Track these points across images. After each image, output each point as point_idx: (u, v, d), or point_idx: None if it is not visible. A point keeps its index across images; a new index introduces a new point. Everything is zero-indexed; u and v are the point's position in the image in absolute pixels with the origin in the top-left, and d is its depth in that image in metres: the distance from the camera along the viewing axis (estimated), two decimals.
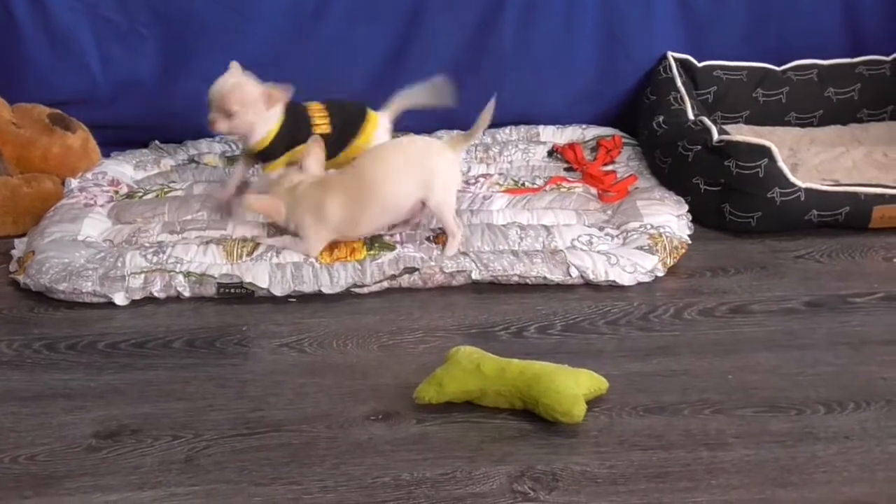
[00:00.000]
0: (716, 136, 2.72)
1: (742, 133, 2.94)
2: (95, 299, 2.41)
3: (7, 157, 2.82)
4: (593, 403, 2.01)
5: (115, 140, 3.08)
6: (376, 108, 2.85)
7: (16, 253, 2.60)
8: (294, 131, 2.67)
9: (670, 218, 2.66)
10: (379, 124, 2.76)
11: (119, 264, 2.48)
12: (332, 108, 2.73)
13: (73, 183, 2.88)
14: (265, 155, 2.68)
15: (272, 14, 3.09)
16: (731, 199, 2.69)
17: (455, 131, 3.18)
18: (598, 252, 2.52)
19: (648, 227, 2.61)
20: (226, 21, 3.08)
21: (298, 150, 2.64)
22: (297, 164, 2.61)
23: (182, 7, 3.06)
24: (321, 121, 2.70)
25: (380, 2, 3.11)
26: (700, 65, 3.19)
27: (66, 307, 2.41)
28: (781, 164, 2.64)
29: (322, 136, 2.64)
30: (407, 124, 3.19)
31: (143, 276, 2.44)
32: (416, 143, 2.68)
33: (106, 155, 3.06)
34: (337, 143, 2.71)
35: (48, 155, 2.90)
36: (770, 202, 2.64)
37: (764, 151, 2.65)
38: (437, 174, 2.52)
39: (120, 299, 2.40)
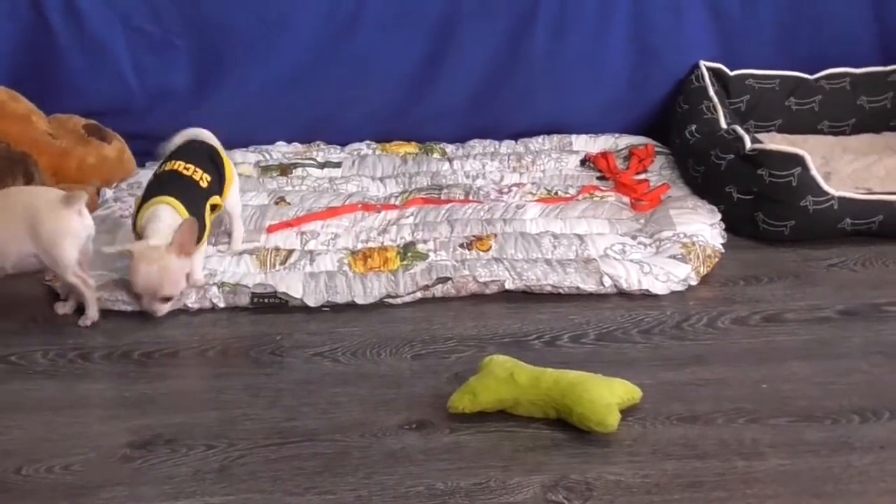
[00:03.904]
0: (749, 144, 2.72)
1: (775, 142, 2.93)
2: (130, 308, 2.43)
3: (43, 168, 2.83)
4: (627, 412, 2.01)
5: (150, 150, 3.07)
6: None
7: None
8: (197, 212, 2.44)
9: (703, 227, 2.66)
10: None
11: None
12: (188, 158, 2.52)
13: (109, 193, 2.90)
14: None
15: (305, 24, 3.11)
16: (764, 208, 2.68)
17: (487, 140, 3.20)
18: (631, 261, 2.52)
19: (681, 235, 2.60)
20: (258, 31, 3.10)
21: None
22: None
23: (215, 18, 3.08)
24: (196, 174, 2.49)
25: (413, 11, 3.12)
26: (732, 74, 3.18)
27: (102, 317, 2.41)
28: (815, 172, 2.63)
29: (210, 183, 2.50)
30: (440, 134, 3.22)
31: None
32: (22, 194, 2.48)
33: (141, 165, 3.08)
34: (221, 182, 2.56)
35: (84, 165, 2.92)
36: (803, 211, 2.63)
37: (797, 160, 2.64)
38: (43, 228, 2.33)
39: None
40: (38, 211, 2.33)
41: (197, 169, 2.49)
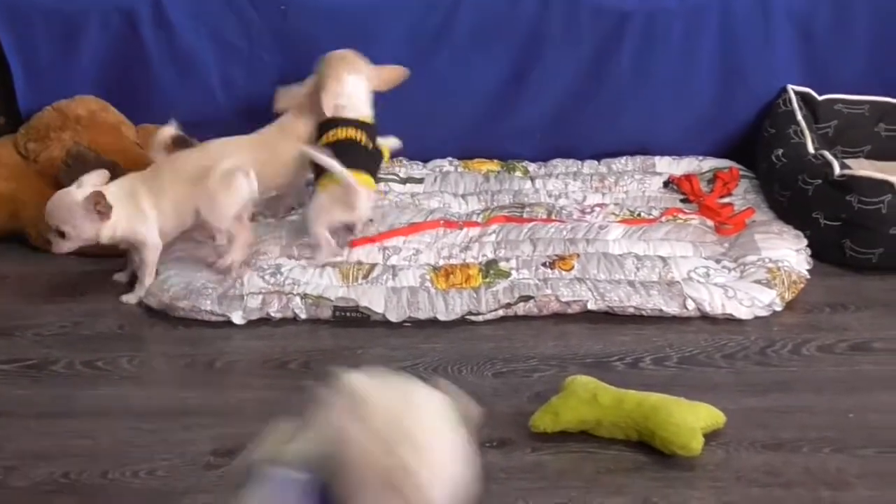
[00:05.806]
0: (837, 170, 2.68)
1: (863, 168, 2.89)
2: (213, 318, 2.45)
3: None
4: (710, 437, 1.99)
5: None
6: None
7: None
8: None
9: (789, 252, 2.63)
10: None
11: (238, 284, 2.52)
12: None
13: None
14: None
15: (391, 39, 3.11)
16: (851, 235, 2.64)
17: (570, 160, 3.19)
18: (715, 284, 2.50)
19: (766, 260, 2.58)
20: (345, 45, 3.11)
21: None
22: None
23: (302, 32, 3.10)
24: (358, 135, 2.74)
25: (500, 27, 3.11)
26: (821, 98, 3.13)
27: (185, 326, 2.45)
28: None
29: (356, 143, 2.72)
30: (522, 152, 3.22)
31: (261, 296, 2.47)
32: (191, 157, 2.68)
33: None
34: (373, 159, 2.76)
35: None
36: (892, 239, 2.59)
37: (887, 187, 2.60)
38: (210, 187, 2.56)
39: (237, 318, 2.44)
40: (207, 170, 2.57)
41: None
